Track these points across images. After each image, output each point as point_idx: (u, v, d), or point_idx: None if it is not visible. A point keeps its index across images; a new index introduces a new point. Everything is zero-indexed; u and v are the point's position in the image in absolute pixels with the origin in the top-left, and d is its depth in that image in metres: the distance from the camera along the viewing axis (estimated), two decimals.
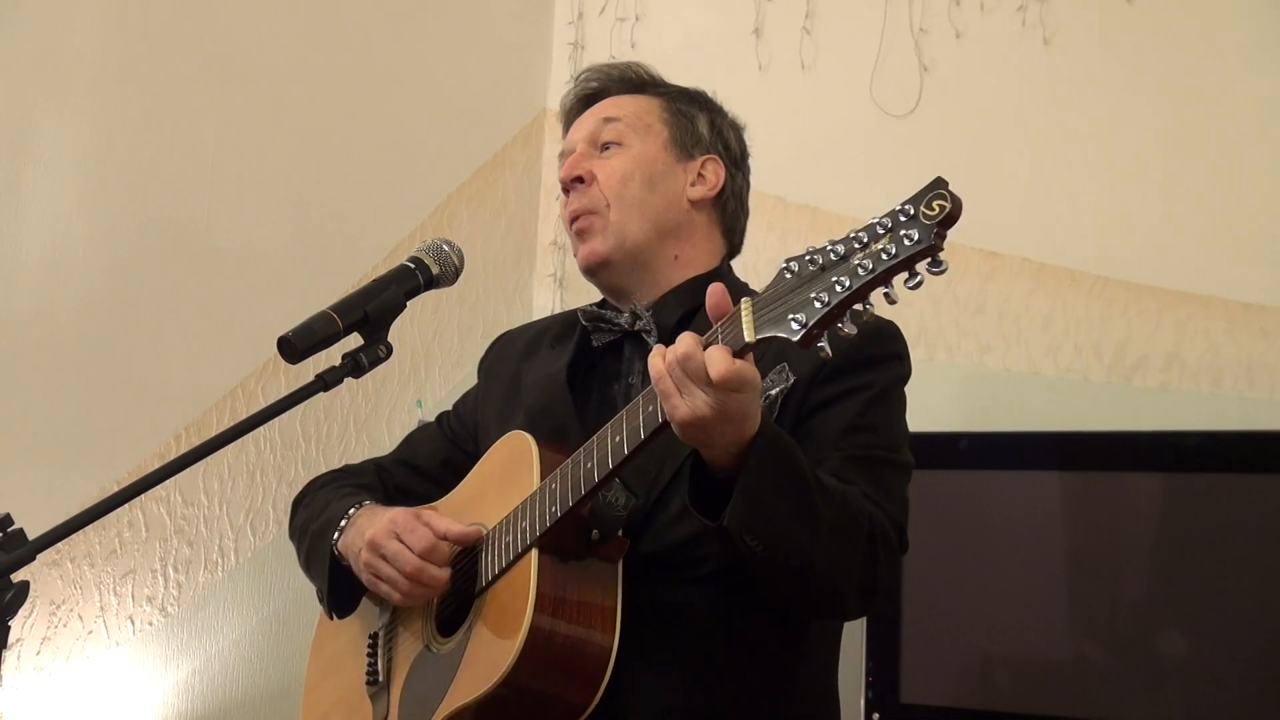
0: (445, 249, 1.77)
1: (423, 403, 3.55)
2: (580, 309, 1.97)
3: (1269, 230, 3.00)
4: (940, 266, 1.32)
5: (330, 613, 1.99)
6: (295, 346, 1.58)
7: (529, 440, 1.81)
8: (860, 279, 1.33)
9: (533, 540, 1.69)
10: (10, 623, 1.36)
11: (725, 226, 1.99)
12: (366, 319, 1.65)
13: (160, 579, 3.08)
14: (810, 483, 1.57)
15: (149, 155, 3.09)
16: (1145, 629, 2.83)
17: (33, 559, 1.37)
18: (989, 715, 2.93)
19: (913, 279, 1.33)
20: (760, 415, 1.51)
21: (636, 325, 1.88)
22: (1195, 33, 3.14)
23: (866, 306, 1.35)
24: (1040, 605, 2.91)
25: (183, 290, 3.13)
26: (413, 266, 1.74)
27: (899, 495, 1.75)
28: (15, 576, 1.36)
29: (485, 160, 3.80)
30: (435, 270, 1.75)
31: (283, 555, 3.25)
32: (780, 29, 3.61)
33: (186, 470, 1.54)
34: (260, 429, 1.59)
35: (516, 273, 3.87)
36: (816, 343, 1.37)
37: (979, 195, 3.32)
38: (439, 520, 1.80)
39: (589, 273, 1.94)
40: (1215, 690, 2.73)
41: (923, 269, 1.33)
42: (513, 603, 1.68)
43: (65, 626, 2.91)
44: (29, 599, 1.38)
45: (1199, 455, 2.81)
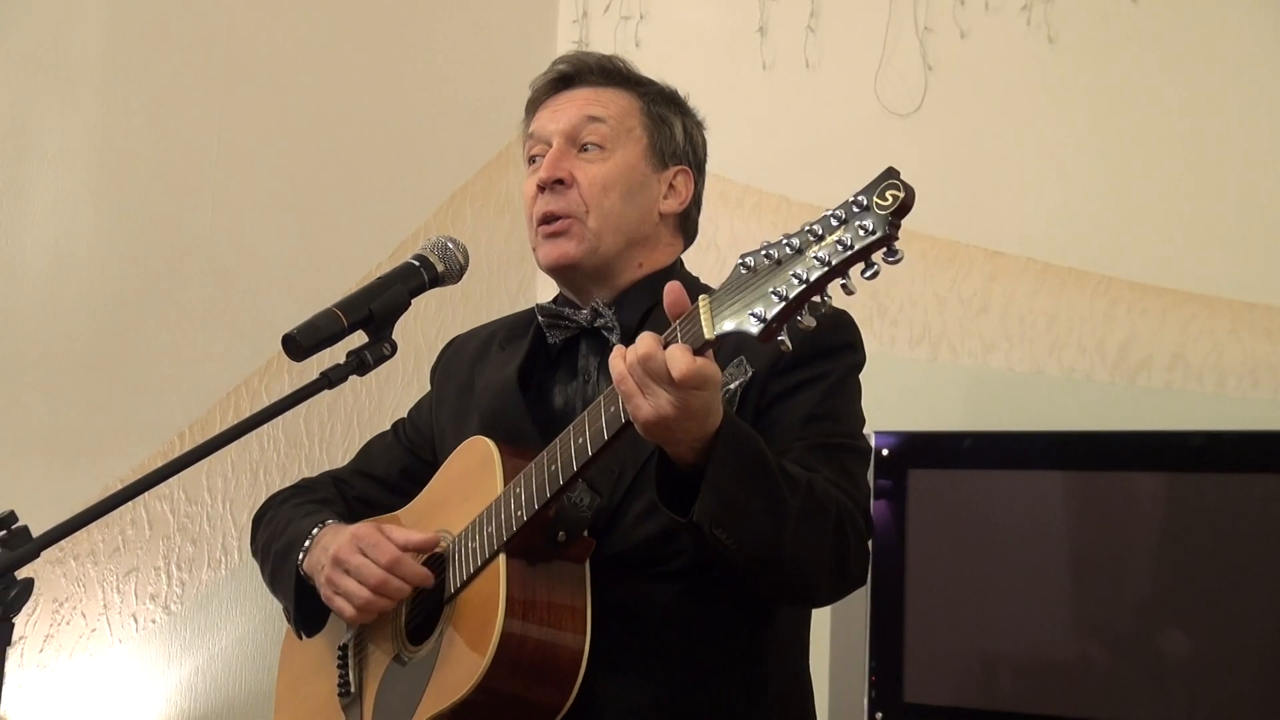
0: (450, 247, 1.77)
1: None
2: (538, 306, 1.96)
3: (1274, 230, 3.00)
4: (896, 256, 1.32)
5: (299, 631, 1.99)
6: (300, 344, 1.58)
7: (490, 445, 1.81)
8: (817, 271, 1.33)
9: (500, 545, 1.69)
10: (14, 620, 1.35)
11: (686, 230, 2.00)
12: (371, 316, 1.65)
13: (163, 577, 3.08)
14: (776, 473, 1.58)
15: (153, 153, 3.09)
16: (1148, 629, 2.83)
17: (37, 556, 1.37)
18: (992, 715, 2.93)
19: (869, 269, 1.34)
20: (722, 409, 1.52)
21: (597, 322, 1.88)
22: (1200, 32, 3.13)
23: (825, 299, 1.35)
24: (1043, 605, 2.91)
25: (187, 288, 3.13)
26: (418, 264, 1.74)
27: (862, 481, 1.78)
28: (19, 574, 1.36)
29: (489, 159, 3.80)
30: (440, 268, 1.75)
31: None
32: (785, 28, 3.60)
33: (190, 468, 1.54)
34: (264, 427, 1.59)
35: (520, 271, 3.87)
36: (776, 336, 1.37)
37: (983, 194, 3.34)
38: (398, 532, 1.80)
39: (553, 271, 1.93)
40: (1219, 690, 2.73)
41: (879, 259, 1.33)
42: (483, 608, 1.68)
43: (68, 624, 2.91)
44: (32, 596, 1.38)
45: (1203, 455, 2.81)
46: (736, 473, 1.53)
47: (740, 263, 1.39)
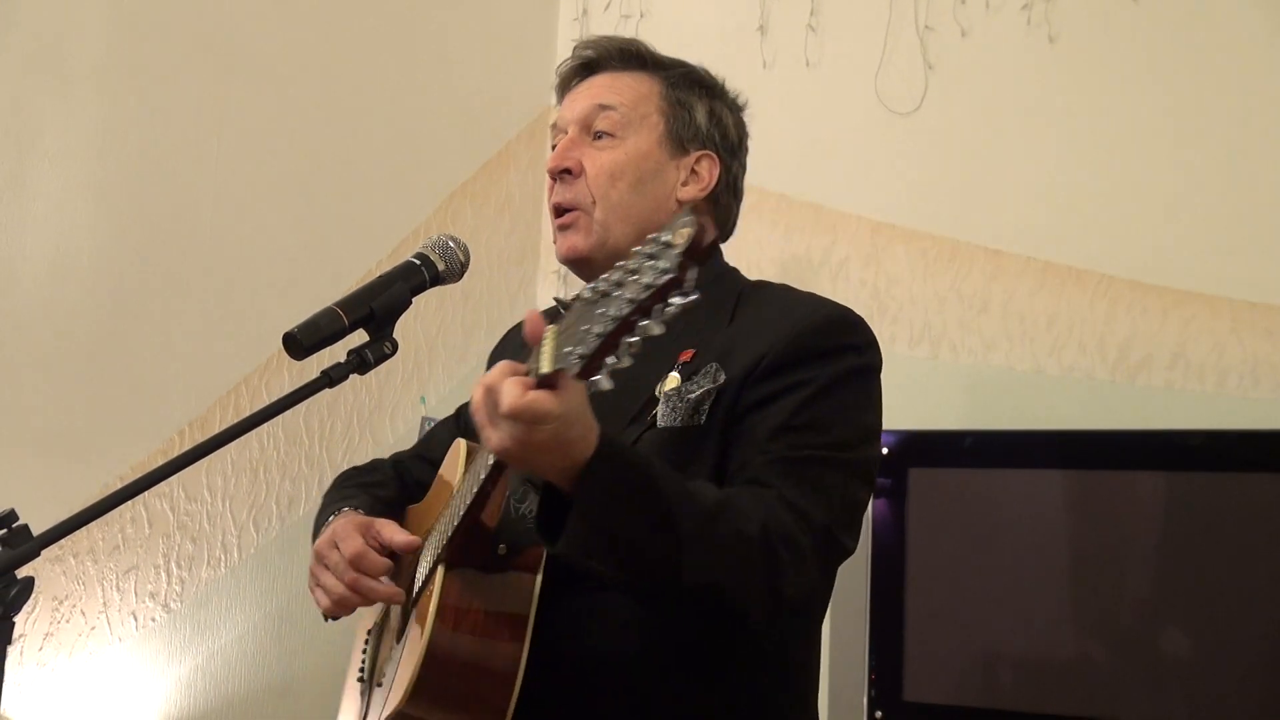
0: (451, 245, 1.77)
1: (426, 399, 3.55)
2: (556, 299, 1.95)
3: (1274, 229, 3.00)
4: (688, 298, 1.26)
5: (325, 615, 2.00)
6: (301, 343, 1.58)
7: (462, 446, 1.81)
8: (622, 312, 1.26)
9: (440, 554, 1.68)
10: (15, 618, 1.35)
11: (717, 218, 1.92)
12: (372, 315, 1.65)
13: (163, 575, 3.08)
14: (667, 497, 1.49)
15: (154, 152, 3.09)
16: (1149, 627, 2.83)
17: (37, 555, 1.37)
18: (992, 713, 2.93)
19: (666, 309, 1.27)
20: (597, 437, 1.43)
21: None
22: (1200, 31, 3.13)
23: (630, 340, 1.28)
24: (1043, 603, 2.91)
25: (187, 286, 3.13)
26: (418, 263, 1.74)
27: (839, 495, 1.66)
28: (20, 572, 1.36)
29: (489, 157, 3.80)
30: (441, 266, 1.75)
31: (285, 552, 3.26)
32: (785, 26, 3.60)
33: (190, 466, 1.53)
34: (264, 425, 1.59)
35: (521, 269, 3.87)
36: (594, 375, 1.31)
37: (983, 193, 3.34)
38: (387, 530, 1.78)
39: (567, 265, 1.90)
40: (1219, 689, 2.73)
41: (675, 299, 1.27)
42: (423, 616, 1.67)
43: (68, 622, 2.91)
44: (32, 594, 1.38)
45: (1203, 454, 2.81)
46: (611, 503, 1.45)
47: (578, 295, 1.34)
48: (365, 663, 1.96)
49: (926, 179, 3.40)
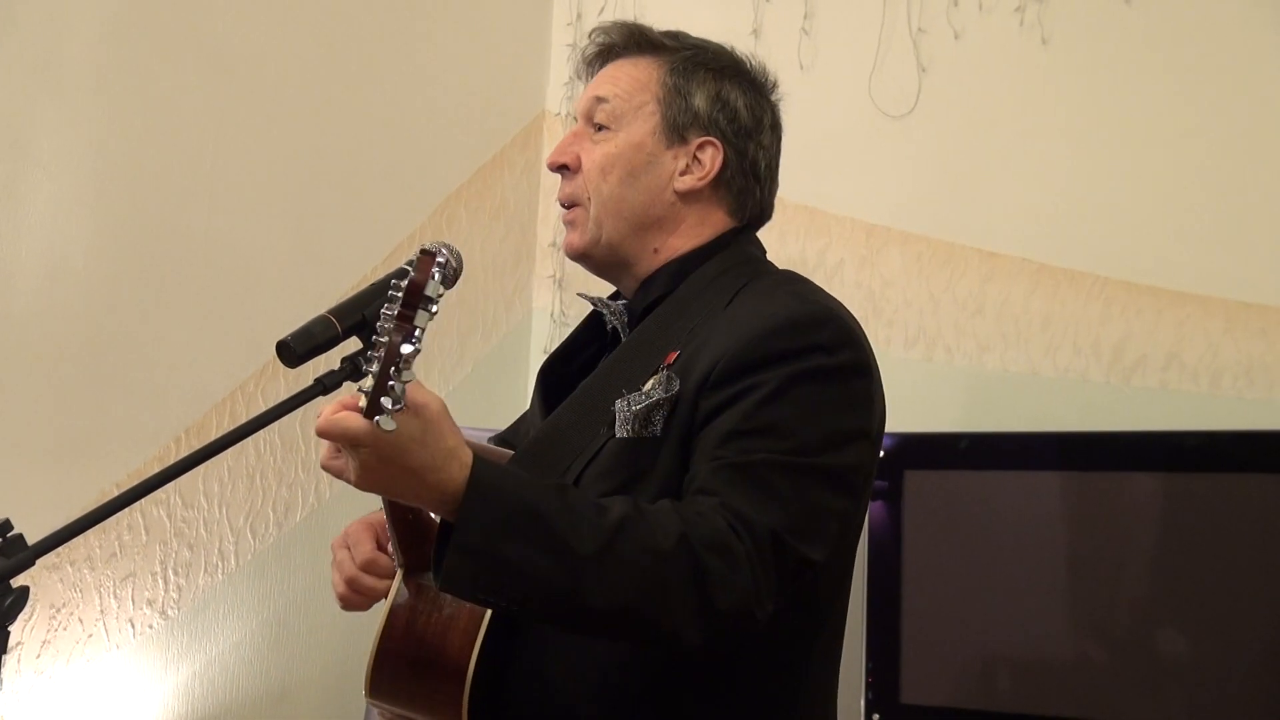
0: (444, 252, 1.77)
1: None
2: (580, 294, 1.95)
3: (1267, 229, 3.01)
4: (414, 346, 1.29)
5: None
6: (294, 350, 1.58)
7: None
8: (381, 349, 1.30)
9: (396, 560, 1.71)
10: (10, 628, 1.35)
11: (730, 204, 1.82)
12: (365, 322, 1.65)
13: (160, 582, 3.08)
14: (555, 521, 1.41)
15: (148, 159, 3.09)
16: (1145, 629, 2.83)
17: (32, 564, 1.37)
18: (989, 716, 2.93)
19: (409, 358, 1.29)
20: (467, 467, 1.40)
21: (615, 321, 1.83)
22: (1193, 32, 3.14)
23: (395, 384, 1.29)
24: (1040, 605, 2.91)
25: (182, 293, 3.13)
26: (410, 270, 1.74)
27: (793, 499, 1.53)
28: (15, 581, 1.36)
29: (484, 162, 3.80)
30: None
31: (283, 558, 3.26)
32: (779, 30, 3.61)
33: (186, 473, 1.54)
34: (260, 432, 1.59)
35: (516, 274, 3.88)
36: (376, 415, 1.30)
37: (977, 196, 3.35)
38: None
39: (574, 261, 1.88)
40: (1216, 690, 2.73)
41: (405, 349, 1.29)
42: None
43: (65, 630, 2.91)
44: (29, 602, 1.38)
45: (1198, 455, 2.81)
46: (491, 529, 1.40)
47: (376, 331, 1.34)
48: None
49: (921, 182, 3.41)
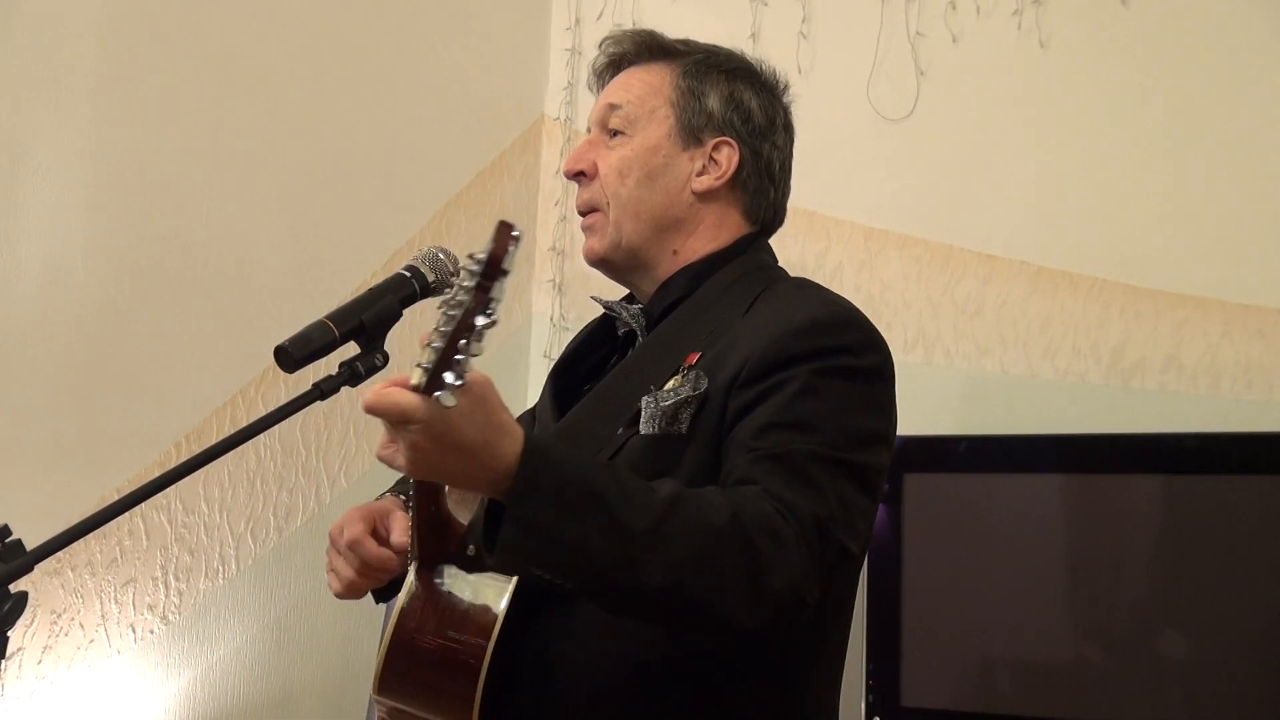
0: (441, 257, 1.77)
1: None
2: (593, 298, 1.95)
3: (1266, 231, 3.01)
4: (489, 318, 1.26)
5: (375, 597, 2.00)
6: (292, 355, 1.58)
7: None
8: (451, 324, 1.26)
9: (411, 552, 1.68)
10: (9, 634, 1.36)
11: (745, 205, 1.85)
12: (363, 327, 1.66)
13: (161, 587, 3.08)
14: (609, 497, 1.41)
15: (147, 165, 3.09)
16: (1145, 631, 2.83)
17: (31, 569, 1.38)
18: (989, 718, 2.93)
19: (485, 328, 1.27)
20: (519, 442, 1.39)
21: (628, 324, 1.84)
22: (1191, 35, 3.15)
23: (459, 359, 1.27)
24: (1040, 607, 2.92)
25: (182, 299, 3.13)
26: (408, 275, 1.75)
27: (833, 492, 1.55)
28: (14, 587, 1.37)
29: (483, 167, 3.81)
30: (431, 278, 1.76)
31: (283, 563, 3.26)
32: (777, 34, 3.61)
33: (187, 478, 1.54)
34: (260, 436, 1.59)
35: (515, 279, 3.84)
36: (436, 391, 1.28)
37: (976, 198, 3.35)
38: (392, 521, 1.78)
39: (593, 267, 1.89)
40: (1216, 691, 2.74)
41: (479, 321, 1.26)
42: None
43: (66, 635, 2.91)
44: (30, 608, 1.38)
45: (1197, 457, 2.81)
46: (546, 504, 1.39)
47: (440, 306, 1.33)
48: None
49: (919, 185, 3.41)
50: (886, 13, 3.47)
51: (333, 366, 1.65)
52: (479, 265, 1.27)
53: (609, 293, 1.93)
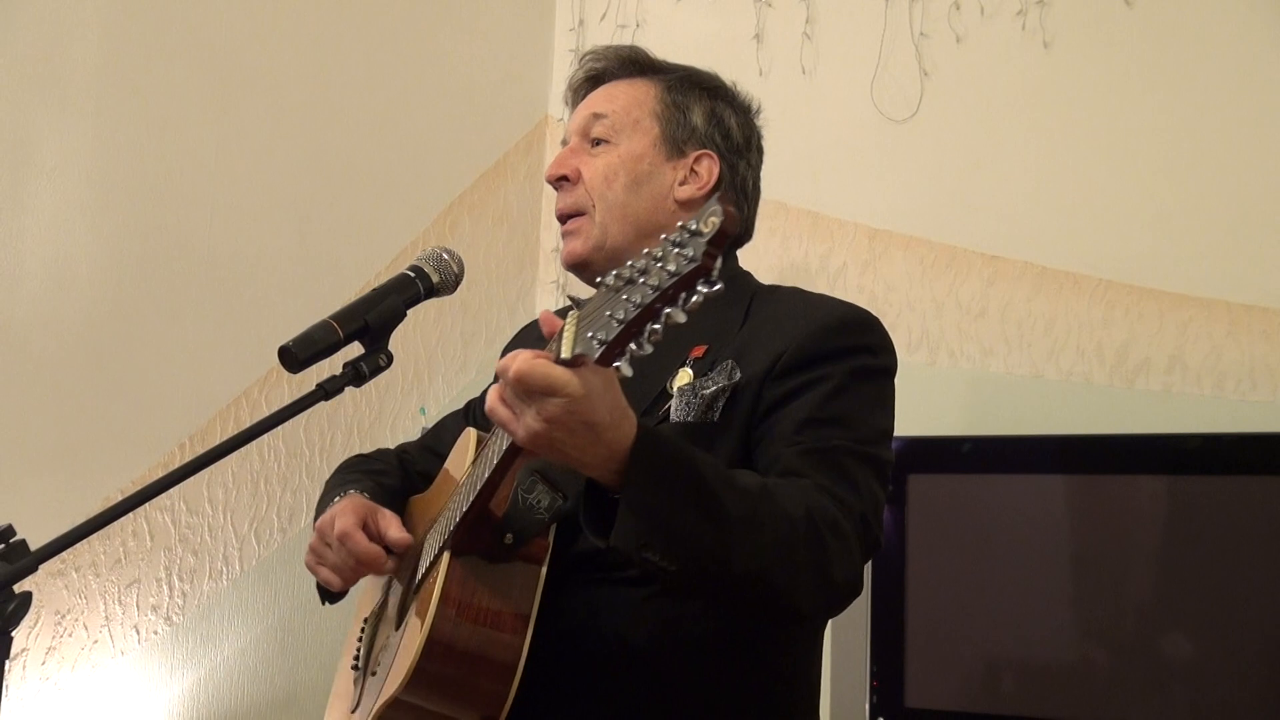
0: (445, 257, 1.78)
1: (425, 410, 3.56)
2: (569, 297, 1.97)
3: (1271, 232, 3.00)
4: (711, 286, 1.26)
5: (321, 598, 2.00)
6: (296, 356, 1.59)
7: (472, 436, 1.83)
8: (648, 297, 1.27)
9: (445, 542, 1.68)
10: (13, 634, 1.36)
11: None
12: (367, 328, 1.66)
13: (165, 588, 3.08)
14: (711, 484, 1.49)
15: (151, 166, 3.09)
16: (1149, 632, 2.83)
17: (35, 570, 1.38)
18: (994, 719, 2.93)
19: (691, 297, 1.27)
20: (635, 426, 1.44)
21: None
22: (1195, 35, 3.14)
23: (654, 327, 1.29)
24: (1044, 608, 2.91)
25: (185, 300, 3.14)
26: (413, 275, 1.75)
27: (866, 488, 1.68)
28: (18, 587, 1.37)
29: (487, 168, 3.81)
30: (435, 279, 1.76)
31: (287, 563, 3.26)
32: (781, 34, 3.61)
33: (191, 479, 1.54)
34: (264, 437, 1.60)
35: (519, 280, 3.88)
36: (615, 361, 1.31)
37: (980, 199, 3.35)
38: (384, 521, 1.81)
39: (571, 270, 1.95)
40: (1220, 693, 2.73)
41: (701, 286, 1.27)
42: (425, 604, 1.68)
43: (70, 636, 2.91)
44: (33, 609, 1.38)
45: (1201, 458, 2.81)
46: (660, 490, 1.45)
47: (603, 280, 1.34)
48: (360, 650, 1.97)
49: (923, 185, 3.41)
50: (890, 13, 3.47)
51: (337, 367, 1.65)
52: (703, 236, 1.27)
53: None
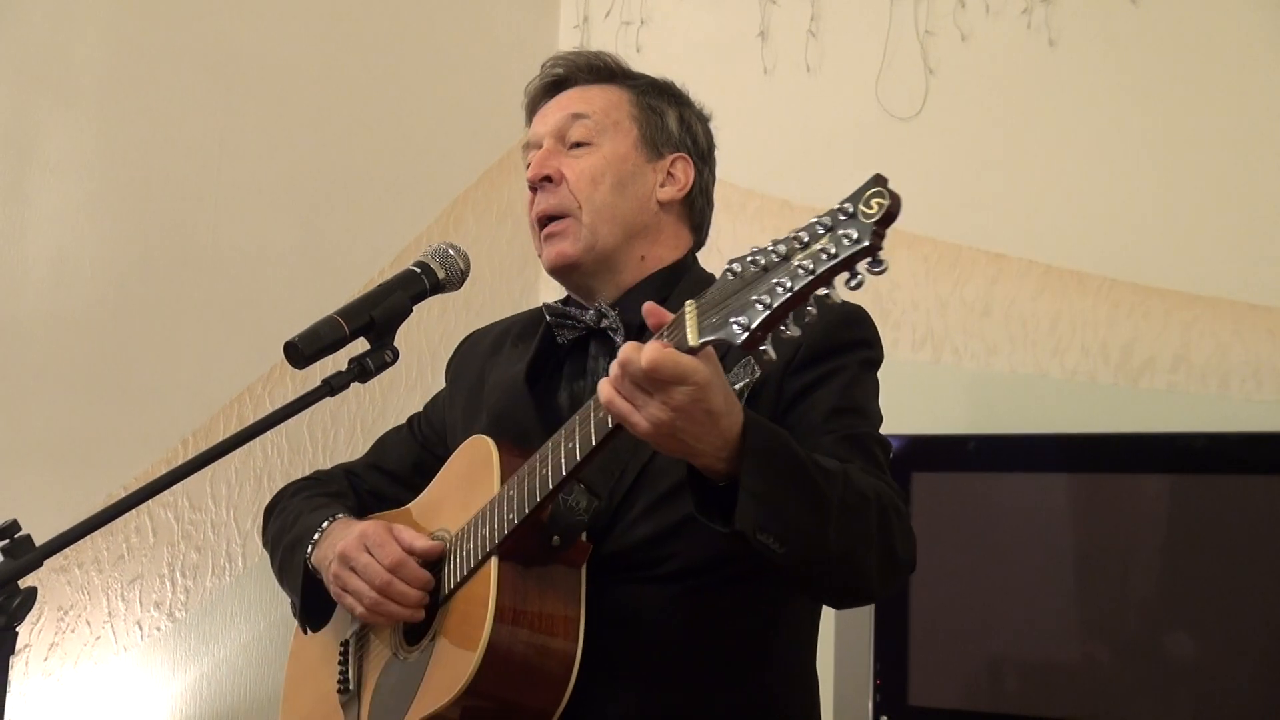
0: (451, 253, 1.77)
1: None
2: (546, 305, 1.95)
3: (1277, 231, 3.00)
4: (880, 266, 1.28)
5: (304, 626, 1.99)
6: (301, 352, 1.59)
7: (490, 444, 1.80)
8: (801, 280, 1.28)
9: (493, 548, 1.67)
10: (18, 629, 1.36)
11: (693, 222, 1.96)
12: (372, 324, 1.66)
13: (168, 584, 3.08)
14: (811, 469, 1.52)
15: (155, 161, 3.09)
16: (1153, 631, 2.83)
17: (39, 565, 1.38)
18: (997, 717, 2.92)
19: (853, 279, 1.29)
20: (741, 412, 1.46)
21: (602, 324, 1.86)
22: (1200, 34, 3.14)
23: (809, 307, 1.31)
24: (1048, 607, 2.91)
25: (189, 296, 3.13)
26: (418, 271, 1.75)
27: (887, 470, 1.75)
28: (22, 583, 1.37)
29: (491, 164, 3.81)
30: (441, 275, 1.76)
31: None
32: (785, 32, 3.61)
33: (194, 475, 1.54)
34: (268, 434, 1.59)
35: (523, 276, 3.88)
36: (759, 345, 1.33)
37: (985, 197, 3.34)
38: (406, 534, 1.78)
39: (556, 273, 1.92)
40: (1223, 692, 2.73)
41: (863, 269, 1.29)
42: (473, 612, 1.67)
43: (73, 632, 2.91)
44: (37, 604, 1.38)
45: (1206, 457, 2.80)
46: (770, 474, 1.47)
47: (727, 268, 1.36)
48: (346, 674, 1.94)
49: (928, 184, 3.40)
50: (895, 11, 3.46)
51: (341, 363, 1.65)
52: (851, 219, 1.28)
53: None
